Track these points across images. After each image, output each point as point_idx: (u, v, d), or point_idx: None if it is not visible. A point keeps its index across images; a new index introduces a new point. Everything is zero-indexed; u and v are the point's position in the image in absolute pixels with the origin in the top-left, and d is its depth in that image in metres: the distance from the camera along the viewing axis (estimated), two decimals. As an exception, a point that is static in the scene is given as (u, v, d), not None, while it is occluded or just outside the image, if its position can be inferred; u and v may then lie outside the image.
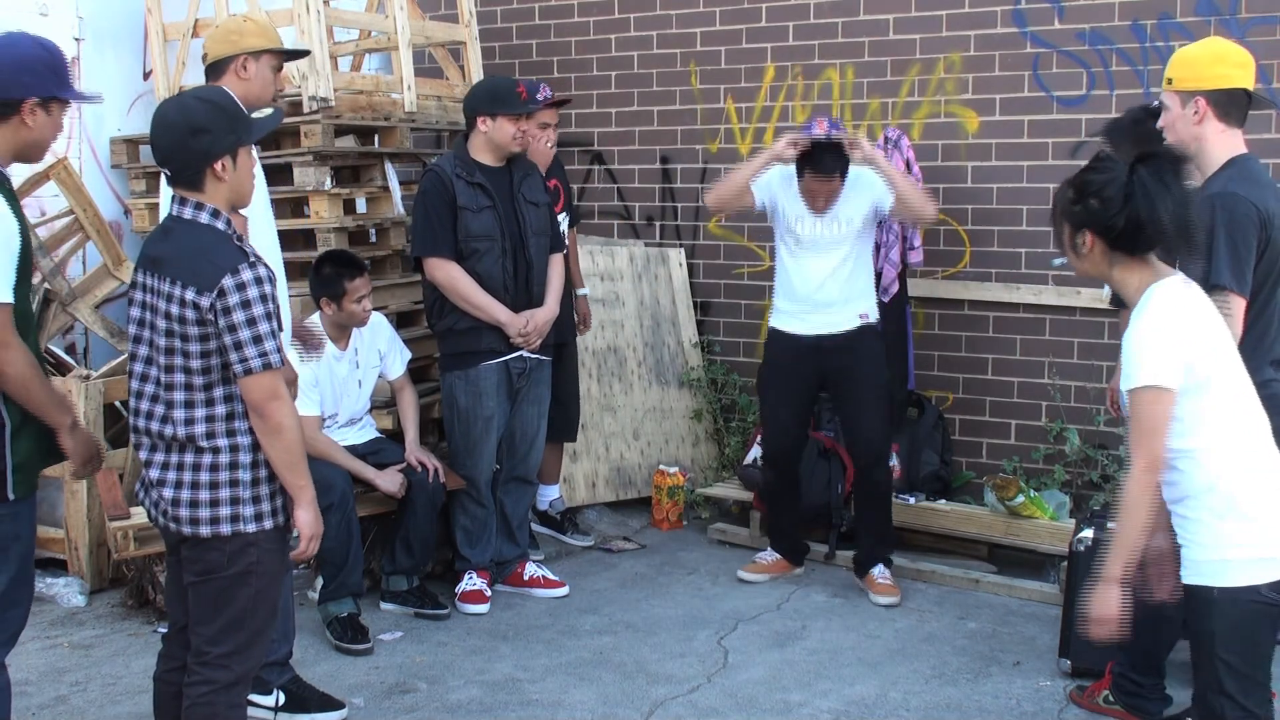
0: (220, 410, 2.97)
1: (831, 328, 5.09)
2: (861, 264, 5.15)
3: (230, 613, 3.05)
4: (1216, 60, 3.57)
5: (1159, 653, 4.03)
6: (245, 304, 2.88)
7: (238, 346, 2.90)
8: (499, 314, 4.89)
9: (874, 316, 5.20)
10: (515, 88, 4.96)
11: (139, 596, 4.94)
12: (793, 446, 5.31)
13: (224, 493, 2.98)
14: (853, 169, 4.98)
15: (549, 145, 5.49)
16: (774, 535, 5.51)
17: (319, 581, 4.87)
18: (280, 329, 3.01)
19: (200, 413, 2.96)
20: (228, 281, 2.87)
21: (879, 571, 5.22)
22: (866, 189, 5.02)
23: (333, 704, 4.08)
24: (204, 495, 2.98)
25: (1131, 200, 2.84)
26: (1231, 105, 3.53)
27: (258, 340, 2.91)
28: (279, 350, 2.97)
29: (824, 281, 5.08)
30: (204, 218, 2.98)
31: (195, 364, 2.93)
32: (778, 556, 5.45)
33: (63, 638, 4.72)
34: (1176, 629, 4.00)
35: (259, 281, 2.91)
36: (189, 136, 2.96)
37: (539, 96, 5.23)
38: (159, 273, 2.96)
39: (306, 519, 3.07)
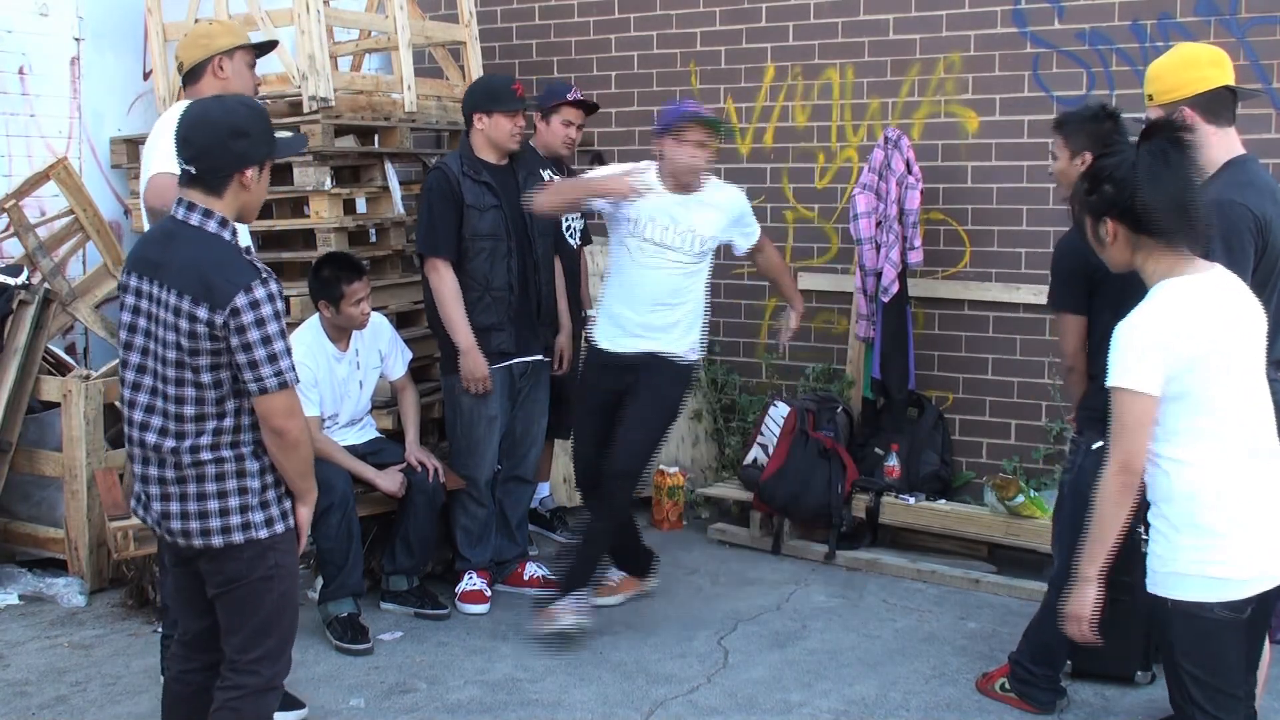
0: (229, 423, 2.94)
1: (635, 348, 4.71)
2: (697, 296, 4.77)
3: (260, 617, 3.05)
4: (1189, 65, 3.58)
5: (1056, 646, 4.09)
6: (260, 322, 2.84)
7: (253, 365, 2.86)
8: (461, 338, 4.85)
9: (689, 357, 4.80)
10: (511, 85, 5.00)
11: (139, 596, 4.94)
12: (599, 462, 4.81)
13: (233, 501, 2.96)
14: (718, 192, 4.76)
15: (564, 142, 5.50)
16: (615, 556, 5.12)
17: (319, 581, 4.87)
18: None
19: (210, 425, 2.93)
20: (241, 300, 2.82)
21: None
22: (726, 209, 4.76)
23: (294, 703, 4.06)
24: (212, 505, 2.96)
25: (1139, 179, 2.80)
26: (1217, 105, 3.53)
27: (273, 359, 2.87)
28: (293, 367, 2.94)
29: (658, 299, 4.70)
30: (211, 226, 2.92)
31: (206, 378, 2.89)
32: (625, 575, 5.14)
33: (63, 638, 4.72)
34: None
35: (271, 298, 2.87)
36: (229, 137, 2.90)
37: (568, 96, 5.43)
38: (160, 280, 2.90)
39: (306, 517, 3.11)
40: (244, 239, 3.87)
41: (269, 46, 4.52)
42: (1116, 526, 2.90)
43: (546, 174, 5.42)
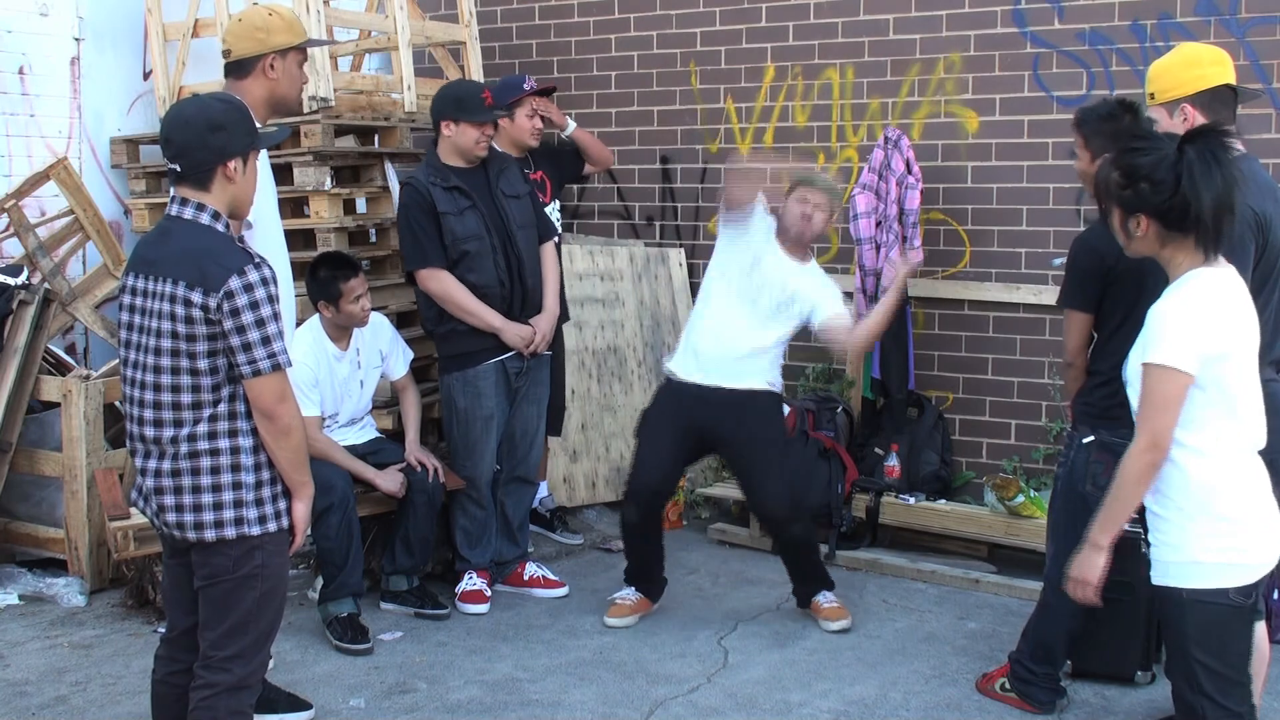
0: (224, 410, 2.97)
1: (724, 381, 4.73)
2: (771, 347, 4.79)
3: (237, 615, 3.05)
4: (1191, 64, 3.58)
5: (1056, 645, 4.10)
6: (254, 304, 2.89)
7: (247, 348, 2.90)
8: (494, 320, 4.89)
9: (773, 387, 4.84)
10: (480, 93, 4.95)
11: (139, 596, 4.94)
12: (664, 488, 4.91)
13: (227, 495, 2.98)
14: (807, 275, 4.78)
15: (532, 133, 5.51)
16: (634, 576, 5.01)
17: (319, 581, 4.87)
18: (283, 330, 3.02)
19: (207, 412, 2.96)
20: (235, 282, 2.87)
21: (824, 598, 4.93)
22: (817, 277, 4.82)
23: (300, 704, 4.07)
24: (206, 499, 2.98)
25: (1182, 182, 2.83)
26: (1218, 104, 3.54)
27: (267, 341, 2.92)
28: (285, 350, 2.98)
29: (734, 339, 4.73)
30: (204, 219, 2.98)
31: (203, 364, 2.93)
32: (640, 595, 4.99)
33: (63, 638, 4.72)
34: (1078, 625, 4.07)
35: (265, 282, 2.92)
36: (207, 132, 2.96)
37: (524, 86, 5.44)
38: (155, 274, 2.95)
39: (303, 513, 3.11)
40: (277, 241, 3.90)
41: (321, 44, 4.41)
42: (1135, 503, 2.96)
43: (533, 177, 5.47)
